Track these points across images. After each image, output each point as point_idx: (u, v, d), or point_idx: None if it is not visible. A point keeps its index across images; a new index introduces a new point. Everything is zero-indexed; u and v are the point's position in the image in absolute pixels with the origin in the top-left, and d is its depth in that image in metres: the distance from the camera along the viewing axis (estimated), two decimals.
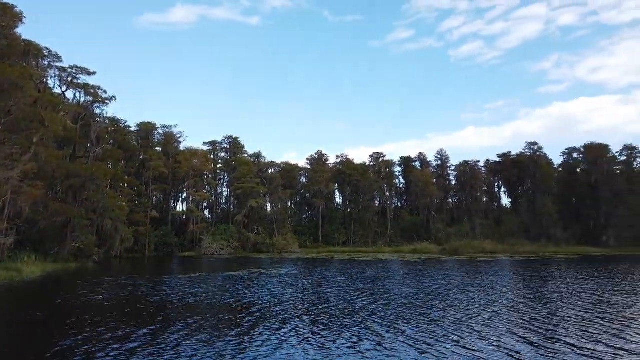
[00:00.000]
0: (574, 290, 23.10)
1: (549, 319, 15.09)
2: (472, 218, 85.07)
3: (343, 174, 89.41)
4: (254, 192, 77.48)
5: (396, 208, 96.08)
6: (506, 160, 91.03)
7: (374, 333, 12.97)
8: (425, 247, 74.23)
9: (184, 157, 76.46)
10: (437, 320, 14.95)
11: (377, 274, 33.62)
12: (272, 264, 45.97)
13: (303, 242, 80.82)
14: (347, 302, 19.04)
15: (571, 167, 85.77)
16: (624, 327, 13.65)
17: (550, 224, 78.41)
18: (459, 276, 31.45)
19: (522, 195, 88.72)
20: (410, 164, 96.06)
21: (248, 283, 26.88)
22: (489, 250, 70.06)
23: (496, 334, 12.89)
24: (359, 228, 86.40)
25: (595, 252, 69.02)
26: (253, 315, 16.09)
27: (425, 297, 20.55)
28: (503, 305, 18.12)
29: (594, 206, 78.39)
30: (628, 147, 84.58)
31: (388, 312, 16.58)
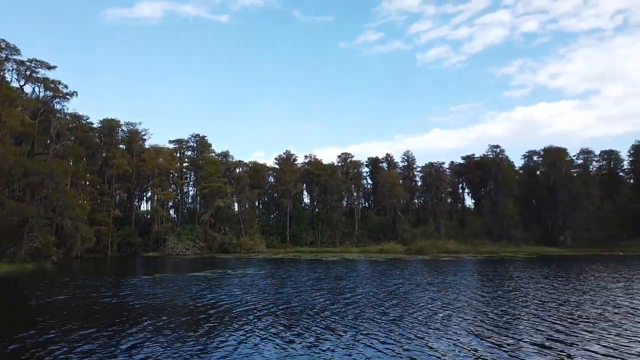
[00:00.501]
0: (529, 289, 23.93)
1: (504, 317, 15.57)
2: (437, 218, 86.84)
3: (311, 174, 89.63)
4: (221, 192, 76.70)
5: (363, 208, 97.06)
6: (470, 162, 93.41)
7: (332, 333, 13.07)
8: (391, 247, 75.30)
9: (149, 155, 74.91)
10: (396, 319, 15.20)
11: (341, 273, 33.91)
12: (238, 265, 45.65)
13: (270, 242, 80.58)
14: (308, 302, 19.14)
15: (531, 170, 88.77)
16: (574, 325, 14.25)
17: (511, 224, 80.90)
18: (421, 275, 32.10)
19: (484, 196, 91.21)
20: (377, 164, 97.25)
21: (212, 283, 26.64)
22: (452, 250, 71.70)
23: (452, 332, 13.21)
24: (326, 228, 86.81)
25: (553, 252, 71.64)
26: (214, 316, 15.97)
27: (386, 296, 20.87)
28: (461, 303, 18.59)
29: (552, 208, 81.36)
30: (585, 151, 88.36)
31: (348, 311, 16.74)
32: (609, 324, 14.28)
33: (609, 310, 16.74)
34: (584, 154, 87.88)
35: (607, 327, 13.81)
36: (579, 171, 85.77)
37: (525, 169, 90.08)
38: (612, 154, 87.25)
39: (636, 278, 29.22)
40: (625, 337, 12.43)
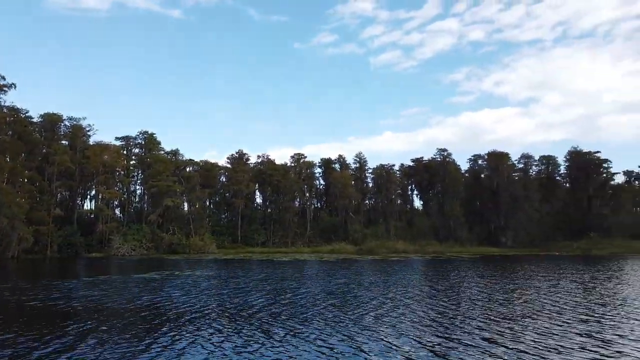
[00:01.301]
0: (465, 288, 24.95)
1: (435, 316, 16.12)
2: (387, 219, 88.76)
3: (264, 174, 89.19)
4: (170, 191, 74.82)
5: (316, 209, 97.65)
6: (419, 165, 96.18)
7: (264, 334, 13.08)
8: (342, 247, 76.19)
9: (94, 151, 71.91)
10: (330, 319, 15.40)
11: (288, 274, 34.00)
12: (187, 266, 44.74)
13: (221, 242, 79.41)
14: (248, 303, 19.08)
15: (476, 173, 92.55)
16: (497, 323, 15.00)
17: (457, 225, 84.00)
18: (365, 275, 32.78)
19: (432, 198, 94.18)
20: (330, 165, 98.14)
21: (154, 285, 26.00)
22: (401, 250, 73.51)
23: (382, 331, 13.52)
24: (278, 228, 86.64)
25: (495, 252, 74.99)
26: (145, 318, 15.63)
27: (325, 296, 21.14)
28: (396, 303, 19.07)
29: (495, 209, 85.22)
30: (525, 155, 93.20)
31: (285, 311, 16.81)
32: (528, 320, 15.11)
33: (531, 308, 17.71)
34: (525, 158, 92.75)
35: (527, 324, 14.60)
36: (519, 175, 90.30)
37: (471, 172, 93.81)
38: (550, 159, 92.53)
39: (563, 277, 31.18)
40: (541, 334, 13.19)
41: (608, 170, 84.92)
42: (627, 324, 14.51)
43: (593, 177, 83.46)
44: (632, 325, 14.19)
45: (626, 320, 15.06)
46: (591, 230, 77.48)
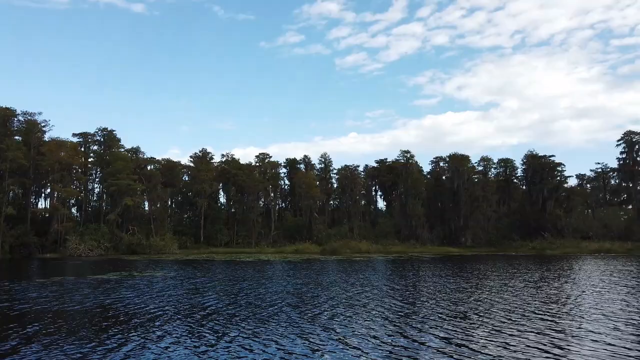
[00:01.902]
0: (427, 286, 25.56)
1: (398, 314, 16.41)
2: (351, 220, 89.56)
3: (228, 173, 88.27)
4: (130, 190, 72.97)
5: (280, 209, 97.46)
6: (382, 166, 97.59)
7: (222, 335, 13.02)
8: (306, 248, 76.37)
9: (49, 148, 69.26)
10: (290, 318, 15.47)
11: (250, 274, 33.85)
12: (147, 266, 43.81)
13: (183, 242, 78.07)
14: (207, 304, 18.93)
15: (438, 174, 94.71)
16: (464, 321, 15.45)
17: (419, 225, 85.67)
18: (325, 275, 33.03)
19: (395, 199, 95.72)
20: (295, 166, 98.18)
21: (112, 286, 25.35)
22: (364, 250, 74.35)
23: (346, 329, 13.67)
24: (242, 228, 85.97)
25: (455, 251, 76.91)
26: (99, 320, 15.25)
27: (281, 296, 21.20)
28: (359, 301, 19.34)
29: (455, 210, 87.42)
30: (484, 158, 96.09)
31: (244, 312, 16.77)
32: (479, 318, 15.62)
33: (482, 306, 18.31)
34: (484, 161, 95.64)
35: (478, 321, 15.09)
36: (479, 177, 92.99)
37: (433, 173, 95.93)
38: (508, 162, 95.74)
39: (516, 276, 32.39)
40: (491, 331, 13.66)
41: (562, 174, 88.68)
42: (569, 320, 15.27)
43: (548, 179, 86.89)
44: (574, 322, 14.95)
45: (569, 317, 15.85)
46: (545, 231, 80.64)
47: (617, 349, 11.30)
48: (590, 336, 12.71)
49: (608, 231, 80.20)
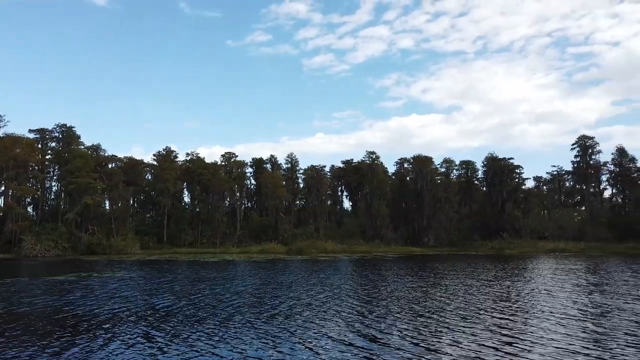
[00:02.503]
0: (387, 285, 26.09)
1: (358, 314, 16.72)
2: (316, 219, 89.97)
3: (193, 173, 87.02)
4: (90, 188, 70.92)
5: (246, 209, 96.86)
6: (349, 166, 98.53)
7: (176, 337, 12.99)
8: (272, 247, 76.20)
9: (3, 144, 66.68)
10: (246, 319, 15.56)
11: (213, 275, 33.58)
12: (106, 267, 42.79)
13: (145, 242, 76.49)
14: (164, 305, 18.80)
15: (402, 175, 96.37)
16: (418, 319, 15.95)
17: (383, 225, 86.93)
18: (284, 275, 33.20)
19: (361, 199, 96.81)
20: (261, 165, 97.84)
21: (66, 288, 24.70)
22: (330, 250, 74.89)
23: (300, 330, 13.87)
24: (207, 228, 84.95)
25: (418, 251, 78.47)
26: (45, 323, 14.94)
27: (245, 296, 21.26)
28: (317, 301, 19.58)
29: (418, 211, 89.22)
30: (447, 160, 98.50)
31: (202, 313, 16.76)
32: (435, 316, 16.20)
33: (439, 304, 18.95)
34: (447, 163, 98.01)
35: (434, 319, 15.64)
36: (442, 178, 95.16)
37: (397, 174, 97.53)
38: (469, 164, 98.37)
39: (472, 275, 33.48)
40: (443, 329, 14.23)
41: (520, 176, 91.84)
42: (516, 317, 16.03)
43: (507, 181, 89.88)
44: (524, 319, 15.71)
45: (521, 314, 16.63)
46: (504, 231, 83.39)
47: (560, 344, 12.00)
48: (536, 333, 13.43)
49: (563, 232, 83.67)
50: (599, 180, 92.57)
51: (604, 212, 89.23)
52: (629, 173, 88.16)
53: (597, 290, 23.33)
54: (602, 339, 12.43)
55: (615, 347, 11.61)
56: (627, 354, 10.92)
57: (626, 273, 34.26)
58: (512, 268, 40.74)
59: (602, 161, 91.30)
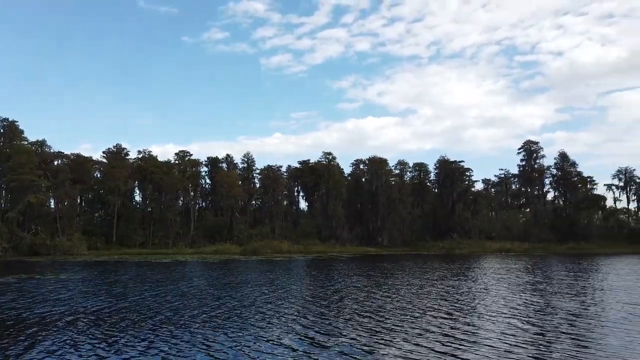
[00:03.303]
0: (335, 284, 26.45)
1: (300, 316, 16.87)
2: (272, 220, 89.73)
3: (145, 171, 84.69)
4: (34, 186, 67.61)
5: (200, 208, 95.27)
6: (305, 167, 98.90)
7: (109, 342, 12.74)
8: (227, 248, 75.33)
9: None
10: (183, 320, 15.44)
11: (159, 276, 32.93)
12: (50, 268, 41.05)
13: (93, 243, 73.75)
14: (95, 308, 18.34)
15: (358, 176, 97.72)
16: (358, 318, 16.33)
17: (339, 226, 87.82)
18: (232, 276, 33.20)
19: (317, 199, 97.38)
20: (217, 164, 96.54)
21: (1, 290, 23.66)
22: (285, 250, 74.83)
23: (239, 333, 13.90)
24: (159, 228, 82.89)
25: (372, 251, 79.80)
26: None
27: (183, 297, 21.05)
28: (260, 300, 19.61)
29: (373, 211, 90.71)
30: (401, 162, 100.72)
31: (128, 316, 16.47)
32: (377, 315, 16.62)
33: (377, 305, 19.46)
34: (401, 165, 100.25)
35: (376, 318, 16.05)
36: (396, 180, 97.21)
37: (353, 175, 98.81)
38: (422, 167, 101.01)
39: (419, 274, 34.57)
40: (375, 330, 14.66)
41: (470, 178, 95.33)
42: (458, 316, 16.74)
43: (457, 183, 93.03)
44: (461, 318, 16.39)
45: (458, 313, 17.35)
46: (454, 232, 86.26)
47: (494, 343, 12.61)
48: (472, 332, 14.04)
49: (509, 232, 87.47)
50: (543, 183, 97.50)
51: (546, 214, 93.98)
52: (570, 177, 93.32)
53: (534, 289, 24.68)
54: (534, 337, 13.15)
55: (547, 344, 12.38)
56: (558, 351, 11.69)
57: (563, 272, 36.42)
58: (458, 268, 42.30)
59: (545, 165, 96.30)
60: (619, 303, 19.47)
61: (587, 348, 11.79)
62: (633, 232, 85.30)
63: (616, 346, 11.94)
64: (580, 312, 17.21)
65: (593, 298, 21.32)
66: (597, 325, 14.73)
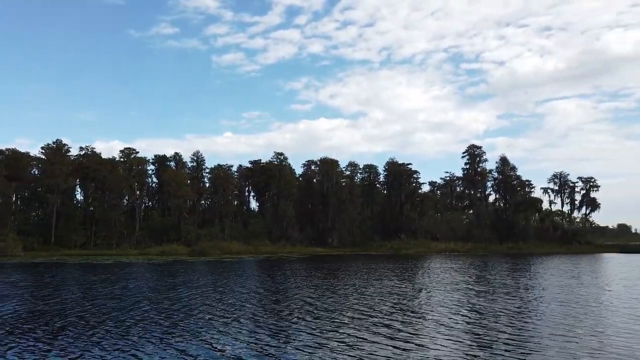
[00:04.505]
0: (280, 284, 26.61)
1: (231, 318, 16.83)
2: (222, 220, 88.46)
3: (87, 168, 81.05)
4: None
5: (146, 208, 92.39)
6: (256, 167, 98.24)
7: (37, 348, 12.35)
8: (174, 249, 73.44)
9: None
10: (71, 327, 15.00)
11: (92, 278, 31.79)
12: None
13: (30, 243, 69.77)
14: (28, 311, 17.61)
15: (309, 177, 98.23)
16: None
17: (290, 226, 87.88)
18: (174, 277, 32.66)
19: (268, 200, 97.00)
20: (165, 163, 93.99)
21: None
22: (235, 251, 73.95)
23: (173, 330, 13.74)
24: (102, 228, 79.56)
25: (322, 252, 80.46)
26: None
27: (104, 301, 20.58)
28: (198, 302, 19.45)
29: (323, 212, 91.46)
30: (352, 164, 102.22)
31: (40, 320, 15.96)
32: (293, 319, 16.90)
33: (304, 306, 19.82)
34: (351, 166, 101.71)
35: (292, 322, 16.31)
36: (346, 181, 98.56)
37: (304, 176, 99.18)
38: (372, 168, 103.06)
39: (360, 275, 35.39)
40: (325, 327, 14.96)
41: (417, 181, 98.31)
42: (400, 313, 17.32)
43: (405, 185, 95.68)
44: (389, 316, 17.00)
45: (389, 313, 17.92)
46: (402, 232, 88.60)
47: (424, 341, 13.25)
48: (398, 330, 14.64)
49: (453, 233, 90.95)
50: (485, 186, 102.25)
51: (488, 215, 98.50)
52: (510, 180, 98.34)
53: (470, 289, 25.93)
54: (468, 336, 13.86)
55: (484, 343, 13.08)
56: (490, 348, 12.40)
57: (503, 272, 38.44)
58: (401, 268, 43.56)
59: (487, 169, 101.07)
60: (553, 301, 20.86)
61: (521, 347, 12.58)
62: (566, 233, 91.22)
63: (552, 346, 12.75)
64: (517, 310, 18.28)
65: (527, 296, 22.71)
66: (532, 323, 15.69)
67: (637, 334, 13.69)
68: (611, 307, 19.06)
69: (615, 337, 13.22)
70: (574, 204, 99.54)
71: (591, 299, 21.22)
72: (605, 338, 13.19)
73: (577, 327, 14.64)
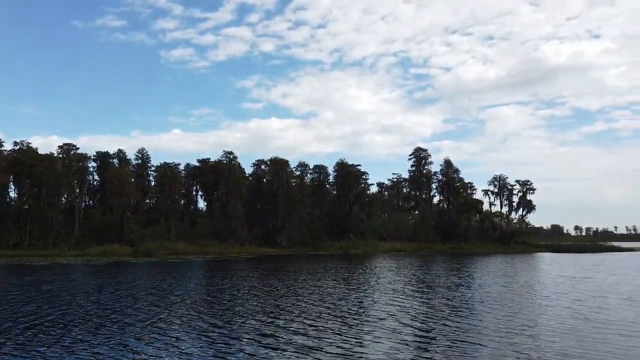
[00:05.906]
0: (219, 285, 26.44)
1: (154, 322, 16.57)
2: (168, 219, 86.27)
3: (22, 164, 76.50)
4: None
5: (87, 207, 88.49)
6: (205, 165, 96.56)
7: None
8: (116, 249, 70.67)
9: None
10: (37, 330, 14.63)
11: (19, 281, 30.26)
12: None
13: None
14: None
15: (259, 177, 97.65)
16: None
17: (239, 226, 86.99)
18: (105, 279, 31.67)
19: (216, 199, 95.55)
20: (107, 160, 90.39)
21: None
22: (181, 252, 72.15)
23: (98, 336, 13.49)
24: (37, 228, 75.36)
25: (271, 252, 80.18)
26: None
27: (20, 307, 19.79)
28: (113, 307, 19.08)
29: (273, 212, 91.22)
30: (302, 164, 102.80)
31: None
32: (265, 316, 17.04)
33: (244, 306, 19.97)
34: (302, 166, 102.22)
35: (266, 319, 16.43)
36: (296, 181, 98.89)
37: (254, 175, 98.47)
38: (322, 169, 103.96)
39: (308, 275, 35.82)
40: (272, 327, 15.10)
41: (365, 182, 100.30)
42: (317, 316, 17.63)
43: (354, 186, 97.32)
44: (320, 318, 17.35)
45: (323, 314, 18.25)
46: (350, 232, 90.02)
47: (364, 341, 13.58)
48: (335, 331, 14.98)
49: (399, 233, 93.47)
50: (430, 188, 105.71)
51: (432, 216, 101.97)
52: (453, 182, 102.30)
53: (408, 288, 26.88)
54: (401, 336, 14.24)
55: (413, 342, 13.59)
56: (426, 351, 12.90)
57: (437, 270, 40.02)
58: (344, 267, 44.39)
59: (433, 171, 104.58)
60: (487, 299, 22.03)
61: (463, 343, 13.23)
62: (504, 234, 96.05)
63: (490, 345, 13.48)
64: (453, 309, 19.15)
65: (465, 293, 23.83)
66: (466, 321, 16.49)
67: (567, 329, 14.66)
68: (542, 304, 20.38)
69: (547, 333, 14.15)
70: (511, 206, 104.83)
71: (523, 297, 22.58)
72: (536, 333, 14.09)
73: (510, 324, 15.53)
